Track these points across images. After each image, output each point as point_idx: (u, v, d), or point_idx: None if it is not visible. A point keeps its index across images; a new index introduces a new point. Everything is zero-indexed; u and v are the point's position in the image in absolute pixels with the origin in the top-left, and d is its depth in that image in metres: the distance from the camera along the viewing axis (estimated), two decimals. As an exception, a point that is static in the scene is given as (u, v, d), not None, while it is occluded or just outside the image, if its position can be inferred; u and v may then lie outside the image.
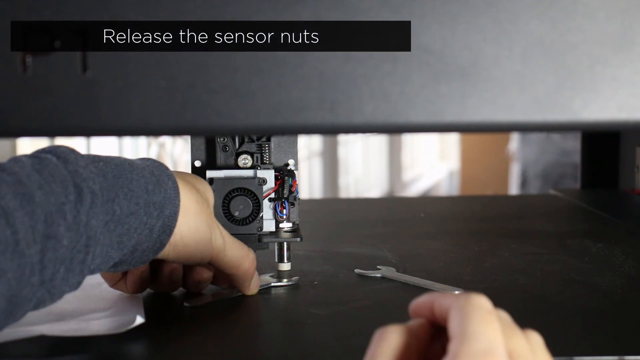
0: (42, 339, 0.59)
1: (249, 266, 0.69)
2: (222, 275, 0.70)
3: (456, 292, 0.64)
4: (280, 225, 0.77)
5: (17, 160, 0.56)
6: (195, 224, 0.65)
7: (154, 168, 0.63)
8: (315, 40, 0.46)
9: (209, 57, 0.46)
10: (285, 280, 0.74)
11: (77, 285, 0.58)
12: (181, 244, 0.64)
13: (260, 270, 0.73)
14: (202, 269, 0.70)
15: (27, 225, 0.53)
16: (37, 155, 0.58)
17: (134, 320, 0.61)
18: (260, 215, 0.75)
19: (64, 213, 0.55)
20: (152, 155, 2.66)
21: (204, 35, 0.46)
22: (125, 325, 0.61)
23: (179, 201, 0.63)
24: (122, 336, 0.60)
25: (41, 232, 0.54)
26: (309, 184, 3.85)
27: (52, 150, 0.58)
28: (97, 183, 0.58)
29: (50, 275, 0.55)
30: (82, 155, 0.59)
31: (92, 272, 0.59)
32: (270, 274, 0.75)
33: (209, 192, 0.70)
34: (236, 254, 0.68)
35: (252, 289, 0.70)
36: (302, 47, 0.46)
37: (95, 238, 0.57)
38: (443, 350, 0.43)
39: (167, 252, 0.64)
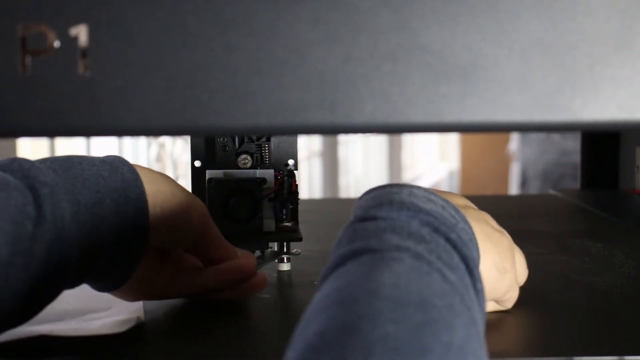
0: (42, 339, 0.59)
1: (242, 255, 0.68)
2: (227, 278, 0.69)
3: None
4: (280, 225, 0.77)
5: None
6: (169, 189, 0.63)
7: (105, 157, 0.62)
8: (315, 40, 0.46)
9: (209, 57, 0.46)
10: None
11: None
12: (162, 215, 0.62)
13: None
14: (208, 275, 0.68)
15: None
16: None
17: (134, 320, 0.61)
18: (260, 215, 0.75)
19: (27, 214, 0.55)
20: (152, 155, 2.66)
21: (204, 35, 0.46)
22: (125, 325, 0.61)
23: (141, 181, 0.61)
24: (122, 336, 0.60)
25: (11, 234, 0.54)
26: (309, 184, 3.84)
27: None
28: (49, 176, 0.57)
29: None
30: (25, 160, 0.58)
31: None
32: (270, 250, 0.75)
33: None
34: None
35: (258, 280, 0.68)
36: (302, 47, 0.46)
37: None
38: None
39: (155, 231, 0.62)
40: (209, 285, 0.67)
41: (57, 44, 0.45)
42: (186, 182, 0.75)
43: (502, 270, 0.59)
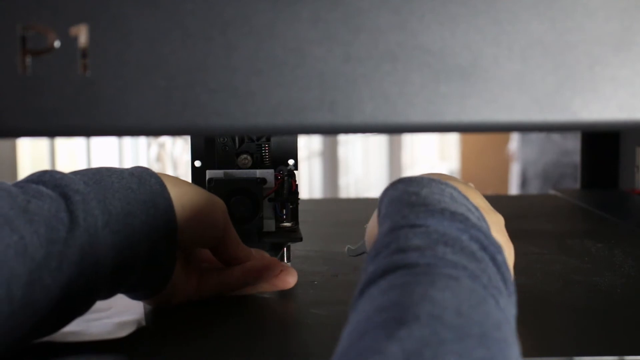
0: (42, 340, 0.59)
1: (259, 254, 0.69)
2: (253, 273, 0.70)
3: None
4: (281, 225, 0.77)
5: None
6: (193, 191, 0.64)
7: (132, 170, 0.63)
8: (315, 40, 0.46)
9: (209, 57, 0.46)
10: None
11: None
12: (190, 215, 0.63)
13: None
14: (234, 274, 0.69)
15: (30, 230, 0.53)
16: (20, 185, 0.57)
17: (134, 324, 0.61)
18: (260, 215, 0.75)
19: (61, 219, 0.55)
20: (152, 155, 2.66)
21: (204, 35, 0.46)
22: (125, 329, 0.61)
23: (168, 193, 0.63)
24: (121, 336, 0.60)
25: (45, 237, 0.54)
26: (309, 184, 3.84)
27: (28, 180, 0.58)
28: (81, 185, 0.58)
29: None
30: (56, 171, 0.59)
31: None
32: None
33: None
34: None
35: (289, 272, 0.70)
36: (302, 47, 0.46)
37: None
38: None
39: (185, 233, 0.63)
40: (236, 284, 0.69)
41: (57, 44, 0.45)
42: (186, 182, 0.75)
43: None
